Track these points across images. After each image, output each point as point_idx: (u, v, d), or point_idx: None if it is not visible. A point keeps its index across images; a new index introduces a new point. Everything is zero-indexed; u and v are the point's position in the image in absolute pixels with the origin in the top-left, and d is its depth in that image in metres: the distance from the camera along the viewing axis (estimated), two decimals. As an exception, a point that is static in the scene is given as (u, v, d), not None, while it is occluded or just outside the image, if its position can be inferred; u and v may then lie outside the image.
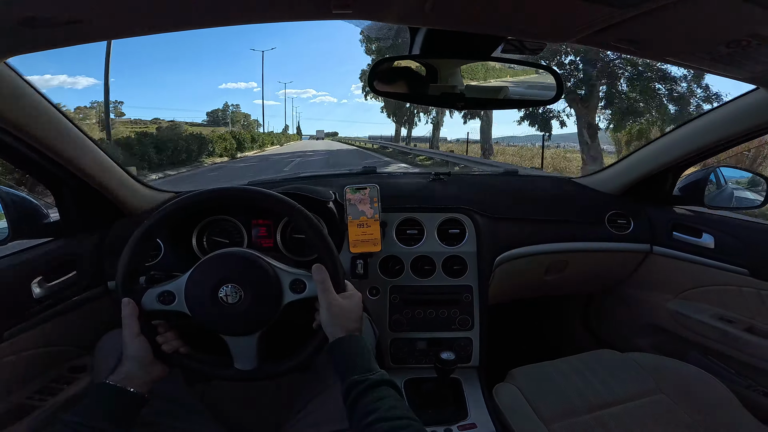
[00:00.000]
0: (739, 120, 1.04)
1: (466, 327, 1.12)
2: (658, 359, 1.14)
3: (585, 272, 1.43)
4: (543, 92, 0.96)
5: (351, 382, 0.63)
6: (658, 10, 0.54)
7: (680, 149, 1.22)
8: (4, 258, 0.87)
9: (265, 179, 1.52)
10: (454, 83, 0.97)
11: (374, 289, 1.11)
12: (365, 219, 1.04)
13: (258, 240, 1.15)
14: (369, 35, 15.98)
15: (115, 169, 1.07)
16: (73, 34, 0.60)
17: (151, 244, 0.75)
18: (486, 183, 1.33)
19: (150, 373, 0.70)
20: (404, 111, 26.01)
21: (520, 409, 0.97)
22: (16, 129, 0.78)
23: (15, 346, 0.84)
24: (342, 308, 0.72)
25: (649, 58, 0.75)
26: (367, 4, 0.57)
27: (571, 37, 0.66)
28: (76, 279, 0.98)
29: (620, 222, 1.34)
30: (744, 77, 0.80)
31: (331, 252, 0.76)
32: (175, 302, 0.73)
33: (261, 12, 0.62)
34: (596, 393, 1.02)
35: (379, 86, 0.91)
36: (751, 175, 1.29)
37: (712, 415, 0.96)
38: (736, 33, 0.60)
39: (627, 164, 1.39)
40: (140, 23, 0.63)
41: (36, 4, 0.52)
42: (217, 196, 0.79)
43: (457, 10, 0.58)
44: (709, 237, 1.22)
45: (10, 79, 0.73)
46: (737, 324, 1.16)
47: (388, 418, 0.56)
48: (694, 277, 1.27)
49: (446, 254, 1.13)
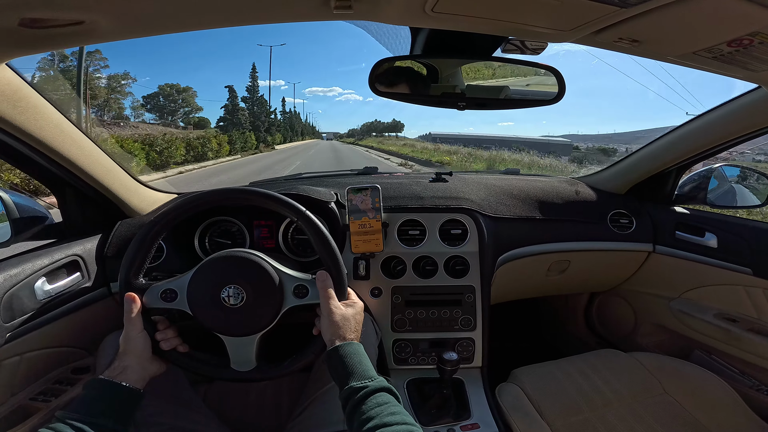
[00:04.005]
0: (741, 119, 1.04)
1: (469, 327, 1.12)
2: (662, 359, 1.14)
3: (587, 272, 1.43)
4: (545, 92, 0.96)
5: (350, 389, 0.62)
6: (660, 9, 0.54)
7: (682, 148, 1.21)
8: (7, 259, 0.88)
9: (267, 179, 1.53)
10: (455, 83, 0.97)
11: (376, 289, 1.11)
12: (367, 220, 1.04)
13: (260, 241, 1.15)
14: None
15: (118, 170, 1.07)
16: (74, 35, 0.61)
17: (154, 243, 0.75)
18: (488, 183, 1.32)
19: (147, 369, 0.71)
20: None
21: (523, 409, 0.97)
22: (18, 131, 0.78)
23: (18, 348, 0.84)
24: (343, 316, 0.73)
25: (651, 57, 0.75)
26: (367, 4, 0.57)
27: (572, 37, 0.66)
28: (79, 280, 0.99)
29: (623, 221, 1.34)
30: (745, 76, 0.80)
31: (335, 259, 0.76)
32: (176, 300, 0.74)
33: (262, 12, 0.62)
34: (599, 393, 1.02)
35: (381, 87, 0.91)
36: (753, 173, 1.28)
37: (715, 415, 0.96)
38: (737, 32, 0.60)
39: (629, 163, 1.39)
40: (141, 24, 0.63)
41: (37, 6, 0.52)
42: (223, 197, 0.79)
43: (458, 10, 0.58)
44: (712, 236, 1.21)
45: (12, 80, 0.73)
46: (741, 323, 1.16)
47: (388, 424, 0.56)
48: (697, 277, 1.27)
49: (448, 254, 1.13)
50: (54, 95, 0.75)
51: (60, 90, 16.54)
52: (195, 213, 0.78)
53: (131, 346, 0.70)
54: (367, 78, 0.89)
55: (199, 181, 12.11)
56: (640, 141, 7.89)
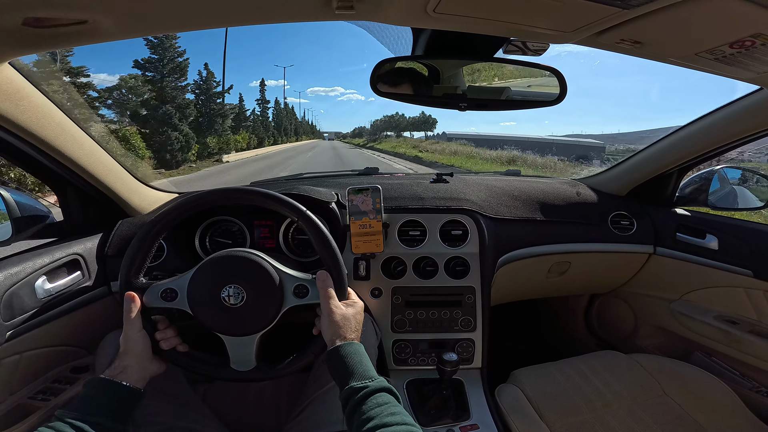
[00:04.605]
0: (743, 121, 1.04)
1: (469, 328, 1.12)
2: (662, 360, 1.14)
3: (588, 273, 1.43)
4: (546, 93, 0.96)
5: (350, 389, 0.62)
6: (662, 11, 0.54)
7: (684, 150, 1.21)
8: (7, 258, 0.88)
9: (268, 179, 1.53)
10: (457, 84, 0.97)
11: (376, 290, 1.11)
12: (367, 220, 1.04)
13: (260, 240, 1.15)
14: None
15: (119, 169, 1.07)
16: (77, 35, 0.61)
17: (155, 242, 0.75)
18: (488, 184, 1.32)
19: (147, 368, 0.71)
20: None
21: (523, 410, 0.97)
22: (20, 130, 0.78)
23: (18, 346, 0.84)
24: (344, 316, 0.73)
25: (652, 58, 0.75)
26: (369, 5, 0.57)
27: (574, 38, 0.66)
28: (79, 279, 0.99)
29: (623, 223, 1.34)
30: (747, 78, 0.80)
31: (335, 259, 0.76)
32: (177, 299, 0.74)
33: (264, 12, 0.62)
34: (599, 394, 1.01)
35: (382, 87, 0.91)
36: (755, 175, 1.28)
37: (715, 417, 0.95)
38: (739, 33, 0.60)
39: (630, 165, 1.39)
40: (144, 24, 0.63)
41: (41, 5, 0.52)
42: (224, 196, 0.79)
43: (460, 11, 0.58)
44: (713, 238, 1.21)
45: (15, 79, 0.73)
46: (741, 325, 1.16)
47: (388, 424, 0.56)
48: (698, 279, 1.27)
49: (448, 255, 1.13)
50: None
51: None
52: (196, 212, 0.78)
53: (131, 345, 0.70)
54: (368, 78, 0.89)
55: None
56: (644, 141, 7.69)
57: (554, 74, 0.91)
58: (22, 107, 0.76)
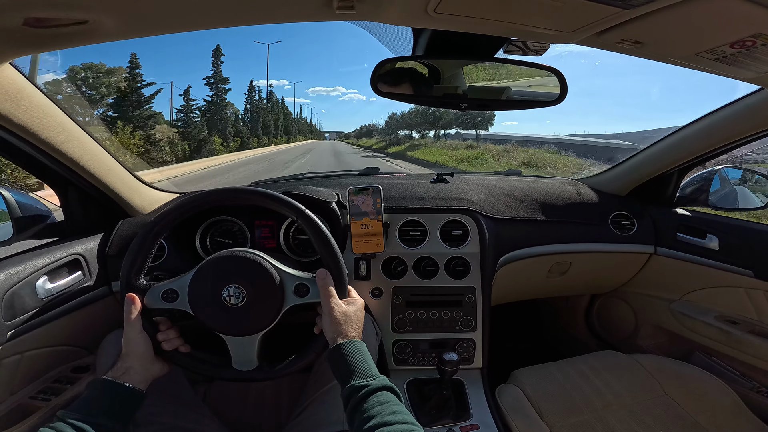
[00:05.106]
0: (743, 121, 1.04)
1: (469, 328, 1.12)
2: (662, 360, 1.14)
3: (588, 273, 1.43)
4: (547, 93, 0.96)
5: (351, 387, 0.62)
6: (663, 11, 0.54)
7: (684, 150, 1.21)
8: (8, 258, 0.88)
9: (268, 179, 1.53)
10: (457, 84, 0.97)
11: (377, 290, 1.11)
12: (368, 220, 1.04)
13: (261, 240, 1.15)
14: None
15: (120, 170, 1.07)
16: (78, 35, 0.61)
17: (156, 243, 0.75)
18: (489, 184, 1.32)
19: (149, 369, 0.71)
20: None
21: (523, 410, 0.97)
22: (21, 130, 0.78)
23: (19, 346, 0.85)
24: (345, 314, 0.73)
25: (653, 58, 0.75)
26: (370, 5, 0.57)
27: (574, 38, 0.66)
28: (80, 279, 0.99)
29: (624, 223, 1.34)
30: (748, 78, 0.80)
31: (336, 257, 0.76)
32: (177, 300, 0.74)
33: (265, 12, 0.62)
34: (600, 394, 1.01)
35: (383, 87, 0.91)
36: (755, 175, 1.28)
37: (715, 417, 0.95)
38: (740, 33, 0.60)
39: (631, 165, 1.39)
40: (145, 24, 0.63)
41: (42, 5, 0.52)
42: (224, 196, 0.79)
43: (461, 11, 0.58)
44: (714, 238, 1.21)
45: (16, 79, 0.73)
46: (741, 325, 1.15)
47: (389, 423, 0.56)
48: (699, 279, 1.27)
49: (449, 255, 1.13)
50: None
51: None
52: (196, 212, 0.78)
53: (132, 347, 0.70)
54: (369, 78, 0.89)
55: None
56: (648, 141, 7.48)
57: (555, 74, 0.91)
58: (23, 107, 0.76)
